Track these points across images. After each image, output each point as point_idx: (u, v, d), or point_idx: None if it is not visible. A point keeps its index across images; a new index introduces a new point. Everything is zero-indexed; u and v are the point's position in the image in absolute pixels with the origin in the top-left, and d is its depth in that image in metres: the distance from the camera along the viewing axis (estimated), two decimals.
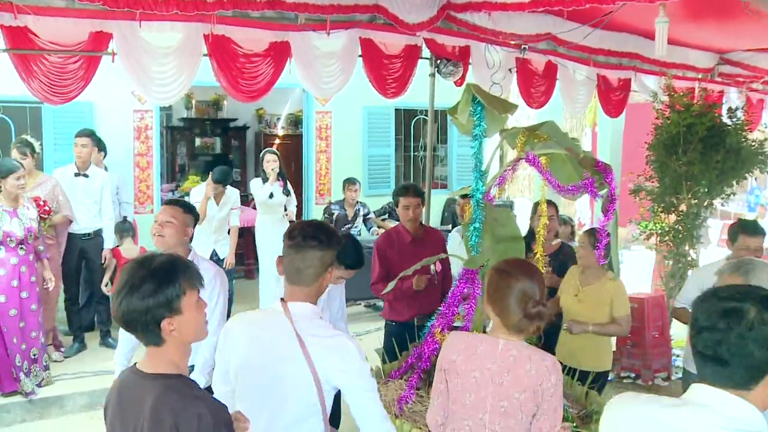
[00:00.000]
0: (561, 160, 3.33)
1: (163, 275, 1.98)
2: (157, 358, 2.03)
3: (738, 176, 6.79)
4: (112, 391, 2.14)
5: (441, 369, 2.62)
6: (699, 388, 1.67)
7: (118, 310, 1.97)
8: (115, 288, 2.00)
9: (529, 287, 2.50)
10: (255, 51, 5.07)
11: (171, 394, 1.95)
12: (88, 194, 6.44)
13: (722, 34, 7.21)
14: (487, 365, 2.49)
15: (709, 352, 1.62)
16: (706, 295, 1.71)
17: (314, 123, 9.42)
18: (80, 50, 4.58)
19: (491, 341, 2.53)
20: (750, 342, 1.57)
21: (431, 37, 5.81)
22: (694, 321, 1.68)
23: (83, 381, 5.88)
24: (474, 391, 2.49)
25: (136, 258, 2.06)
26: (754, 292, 1.67)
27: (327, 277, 2.55)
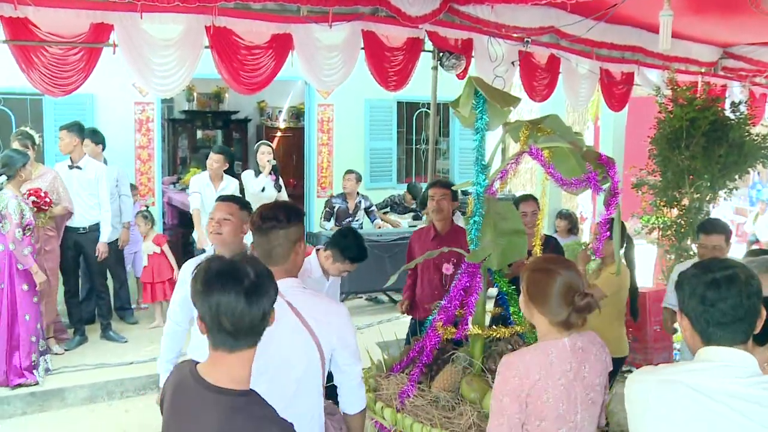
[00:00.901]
0: (564, 153, 3.31)
1: (266, 272, 1.91)
2: (233, 365, 1.89)
3: (740, 170, 6.77)
4: (169, 388, 2.03)
5: (519, 400, 2.43)
6: (710, 350, 1.89)
7: (243, 321, 1.82)
8: (222, 299, 1.81)
9: (574, 280, 2.48)
10: (256, 43, 5.05)
11: (239, 416, 1.83)
12: (82, 186, 6.42)
13: (726, 28, 7.18)
14: (566, 367, 2.44)
15: (728, 318, 1.85)
16: (697, 275, 1.93)
17: (316, 116, 9.40)
18: (81, 42, 4.56)
19: (557, 344, 2.46)
20: (753, 297, 1.86)
21: (434, 30, 5.79)
22: (702, 298, 1.88)
23: (84, 374, 5.89)
24: (565, 397, 2.43)
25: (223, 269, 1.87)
26: (726, 260, 2.00)
27: (298, 251, 2.69)
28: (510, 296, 3.54)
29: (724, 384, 1.83)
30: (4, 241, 5.45)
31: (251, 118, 13.39)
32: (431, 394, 3.41)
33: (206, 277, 1.85)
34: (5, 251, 5.47)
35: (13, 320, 5.50)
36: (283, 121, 13.08)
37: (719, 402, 1.81)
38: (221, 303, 1.80)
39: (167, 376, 2.13)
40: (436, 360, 3.59)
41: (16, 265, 5.49)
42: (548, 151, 3.29)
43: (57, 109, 7.50)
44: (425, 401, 3.35)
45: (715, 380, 1.84)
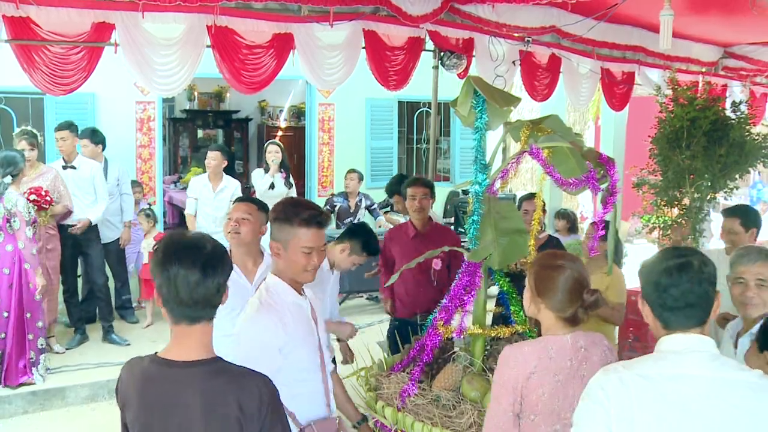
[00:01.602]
0: (564, 153, 3.32)
1: (223, 250, 2.00)
2: (198, 338, 1.96)
3: (741, 170, 6.77)
4: (129, 386, 2.00)
5: (514, 391, 2.45)
6: (670, 339, 1.99)
7: (197, 291, 1.89)
8: (180, 270, 1.89)
9: (582, 275, 2.49)
10: (258, 42, 5.05)
11: (219, 378, 1.91)
12: (78, 186, 6.43)
13: (726, 28, 7.19)
14: (566, 364, 2.44)
15: (680, 303, 1.96)
16: (654, 262, 2.05)
17: (317, 115, 9.41)
18: (83, 41, 4.57)
19: (558, 341, 2.47)
20: (705, 284, 1.96)
21: (435, 29, 5.79)
22: (655, 285, 2.00)
23: (85, 373, 5.89)
24: (561, 394, 2.43)
25: (183, 242, 1.97)
26: (684, 248, 2.10)
27: None
28: (510, 295, 3.55)
29: (685, 369, 1.93)
30: (14, 240, 5.47)
31: (252, 118, 13.40)
32: (432, 393, 3.42)
33: (165, 249, 1.94)
34: (15, 250, 5.48)
35: (19, 319, 5.53)
36: (284, 120, 13.09)
37: (693, 389, 1.89)
38: (179, 274, 1.88)
39: (118, 377, 2.07)
40: (437, 359, 3.60)
41: (24, 264, 5.52)
42: (548, 150, 3.30)
43: (58, 108, 7.51)
44: (426, 400, 3.36)
45: (677, 366, 1.94)
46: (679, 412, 1.89)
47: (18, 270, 5.49)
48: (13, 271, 5.47)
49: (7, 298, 5.46)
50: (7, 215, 5.40)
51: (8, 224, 5.42)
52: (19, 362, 5.53)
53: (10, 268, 5.45)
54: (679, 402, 1.90)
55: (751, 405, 1.87)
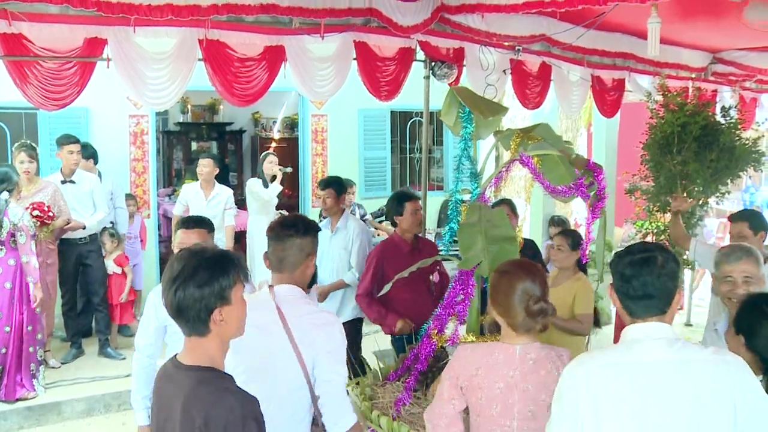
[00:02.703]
0: (554, 161, 3.35)
1: (218, 264, 2.04)
2: (196, 349, 2.07)
3: (732, 174, 6.81)
4: (156, 383, 2.20)
5: (456, 386, 2.56)
6: (631, 328, 2.17)
7: (173, 299, 2.00)
8: (166, 277, 2.03)
9: (530, 285, 2.54)
10: (249, 55, 5.07)
11: (202, 387, 2.00)
12: (78, 200, 6.45)
13: (715, 34, 7.25)
14: (509, 373, 2.49)
15: (640, 293, 2.14)
16: (622, 255, 2.22)
17: (310, 126, 9.43)
18: (75, 56, 4.58)
19: (507, 349, 2.53)
20: (664, 277, 2.13)
21: (425, 40, 5.83)
22: (621, 275, 2.18)
23: (81, 387, 5.89)
24: (500, 401, 2.47)
25: (187, 248, 2.11)
26: (653, 244, 2.27)
27: (309, 265, 2.74)
28: None
29: (646, 356, 2.09)
30: (16, 254, 5.49)
31: (246, 130, 13.42)
32: (427, 401, 3.43)
33: (168, 267, 2.07)
34: (17, 264, 5.50)
35: (19, 335, 5.53)
36: (277, 131, 13.11)
37: (656, 372, 2.05)
38: (177, 293, 2.00)
39: None
40: (431, 368, 3.61)
41: (26, 278, 5.53)
42: (538, 159, 3.33)
43: (52, 123, 7.51)
44: (421, 409, 3.38)
45: (639, 354, 2.09)
46: (643, 396, 2.03)
47: (20, 284, 5.50)
48: (15, 285, 5.48)
49: (9, 313, 5.47)
50: (12, 230, 5.42)
51: (12, 239, 5.44)
52: (17, 377, 5.52)
53: (12, 282, 5.47)
54: (641, 387, 2.04)
55: (710, 381, 2.03)
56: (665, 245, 2.33)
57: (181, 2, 4.54)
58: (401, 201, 4.79)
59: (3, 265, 5.48)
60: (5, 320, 5.47)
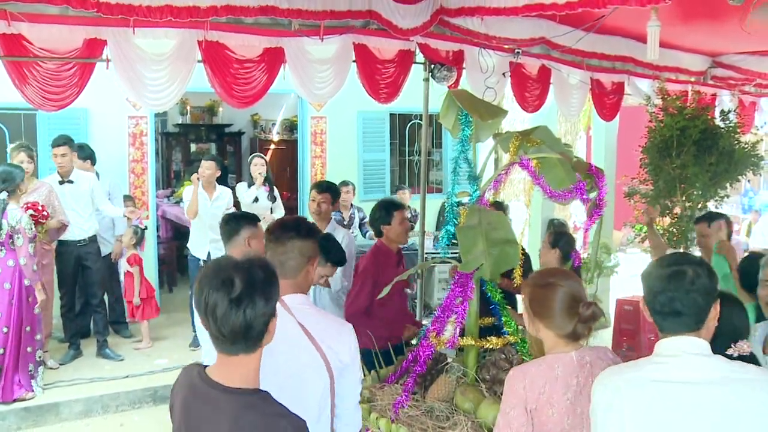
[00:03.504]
0: (553, 164, 3.35)
1: (271, 276, 1.95)
2: (240, 367, 1.93)
3: (731, 178, 6.82)
4: (178, 393, 2.05)
5: (525, 412, 2.42)
6: (664, 342, 2.09)
7: (242, 318, 1.83)
8: (224, 298, 1.84)
9: (576, 291, 2.48)
10: (249, 57, 5.07)
11: (250, 413, 1.87)
12: (77, 200, 6.45)
13: (714, 38, 7.25)
14: (573, 382, 2.42)
15: (667, 309, 2.06)
16: (653, 267, 2.15)
17: (309, 128, 9.44)
18: (74, 57, 4.58)
19: (563, 358, 2.45)
20: (694, 294, 2.03)
21: (425, 42, 5.82)
22: (649, 289, 2.11)
23: (79, 387, 5.89)
24: (571, 412, 2.40)
25: (229, 262, 1.93)
26: (687, 257, 2.17)
27: (310, 269, 2.65)
28: (501, 306, 3.57)
29: (683, 373, 2.00)
30: (14, 255, 5.49)
31: (245, 131, 13.42)
32: (425, 404, 3.43)
33: (200, 277, 1.91)
34: (16, 266, 5.50)
35: (17, 335, 5.53)
36: (276, 133, 13.11)
37: (685, 391, 1.96)
38: (209, 304, 1.85)
39: (176, 379, 2.12)
40: (430, 370, 3.61)
41: (24, 280, 5.53)
42: (537, 161, 3.33)
43: (51, 123, 7.51)
44: (420, 411, 3.37)
45: (676, 371, 2.01)
46: (670, 416, 1.96)
47: (18, 285, 5.50)
48: (14, 286, 5.48)
49: (8, 313, 5.47)
50: (10, 231, 5.42)
51: (10, 240, 5.44)
52: (15, 377, 5.52)
53: (11, 283, 5.47)
54: (669, 405, 1.96)
55: (744, 403, 1.93)
56: (700, 259, 2.19)
57: (180, 3, 4.54)
58: (390, 210, 4.66)
59: (2, 265, 5.48)
60: (4, 321, 5.47)
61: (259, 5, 4.82)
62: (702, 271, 2.07)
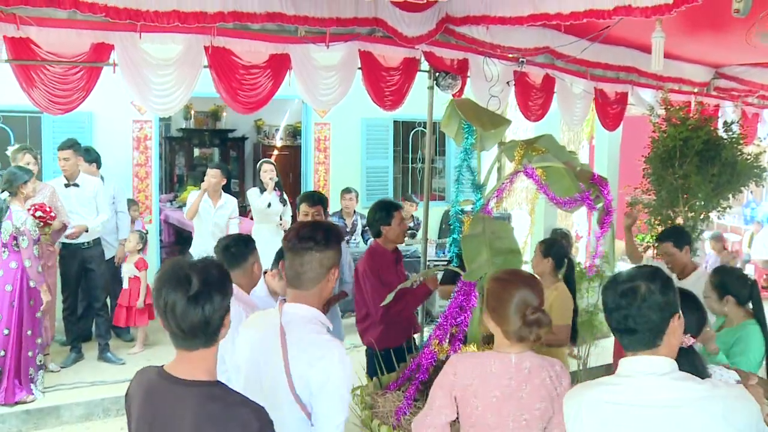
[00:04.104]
0: (558, 173, 3.37)
1: (225, 274, 2.05)
2: (199, 362, 2.01)
3: (734, 189, 6.82)
4: (136, 392, 2.11)
5: (450, 396, 2.53)
6: (625, 362, 2.05)
7: (200, 314, 1.93)
8: (182, 296, 1.93)
9: (528, 294, 2.55)
10: (255, 63, 5.09)
11: (213, 403, 1.96)
12: (81, 203, 6.47)
13: (718, 49, 7.27)
14: (504, 382, 2.48)
15: (621, 326, 2.02)
16: (609, 283, 2.10)
17: (313, 134, 9.46)
18: (82, 61, 4.60)
19: (503, 358, 2.53)
20: (646, 310, 1.98)
21: (430, 50, 5.85)
22: (604, 305, 2.08)
23: (80, 391, 5.89)
24: (496, 411, 2.47)
25: (185, 263, 2.02)
26: (644, 270, 2.09)
27: (330, 280, 2.47)
28: None
29: (640, 395, 1.97)
30: (19, 258, 5.50)
31: (248, 137, 13.45)
32: None
33: (158, 277, 2.00)
34: (19, 267, 5.51)
35: (18, 337, 5.54)
36: (279, 139, 13.14)
37: (641, 413, 1.95)
38: (167, 303, 1.94)
39: (129, 385, 2.19)
40: (432, 378, 3.61)
41: (28, 282, 5.54)
42: (542, 170, 3.34)
43: (56, 126, 7.54)
44: None
45: (633, 393, 1.99)
46: None
47: (20, 287, 5.51)
48: (15, 288, 5.49)
49: (9, 315, 5.48)
50: (15, 233, 5.44)
51: (15, 242, 5.46)
52: (16, 379, 5.52)
53: (13, 285, 5.48)
54: (622, 427, 1.97)
55: (693, 424, 1.91)
56: (660, 270, 2.13)
57: (187, 9, 4.56)
58: (390, 210, 4.70)
59: (4, 267, 5.49)
60: (5, 323, 5.47)
61: (266, 12, 4.85)
62: (655, 286, 2.00)
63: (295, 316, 2.43)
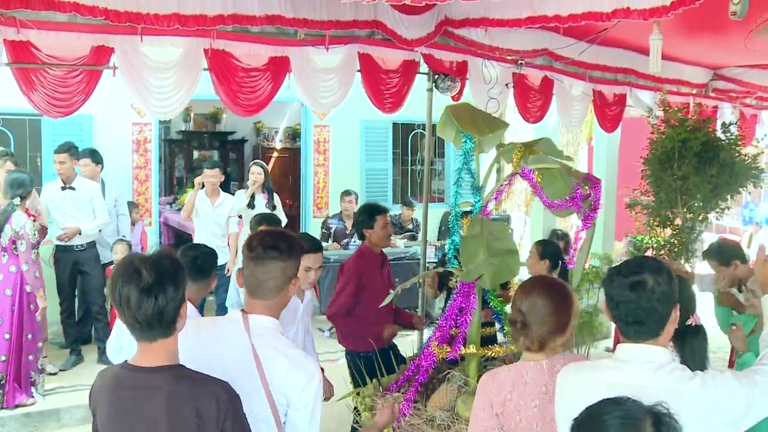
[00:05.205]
0: (553, 175, 3.38)
1: (178, 266, 2.09)
2: (160, 351, 2.07)
3: (732, 190, 6.83)
4: (101, 389, 2.17)
5: (492, 415, 2.46)
6: (624, 347, 2.14)
7: (154, 305, 1.98)
8: (135, 288, 1.98)
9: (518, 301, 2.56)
10: (254, 65, 5.10)
11: (183, 382, 2.04)
12: (77, 206, 6.47)
13: (716, 51, 7.28)
14: (542, 389, 2.45)
15: (630, 319, 2.09)
16: (612, 275, 2.15)
17: (312, 136, 9.48)
18: (82, 64, 4.61)
19: (534, 366, 2.48)
20: (655, 302, 2.06)
21: (429, 53, 5.86)
22: (609, 297, 2.13)
23: (80, 393, 5.89)
24: (539, 419, 2.43)
25: (137, 257, 2.06)
26: (647, 263, 2.17)
27: (290, 290, 2.45)
28: (503, 315, 3.59)
29: (634, 379, 2.04)
30: (17, 262, 5.51)
31: (248, 139, 13.47)
32: (427, 413, 3.45)
33: (113, 274, 2.06)
34: (17, 272, 5.52)
35: (19, 342, 5.55)
36: (279, 141, 13.15)
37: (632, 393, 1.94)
38: (122, 295, 2.00)
39: (91, 387, 2.24)
40: (432, 379, 3.63)
41: (25, 286, 5.56)
42: (539, 173, 3.36)
43: (56, 129, 7.56)
44: (421, 420, 3.39)
45: (628, 376, 2.06)
46: None
47: (20, 292, 5.53)
48: (15, 292, 5.50)
49: (10, 320, 5.49)
50: (14, 237, 5.45)
51: (14, 246, 5.47)
52: (16, 383, 5.53)
53: (12, 289, 5.49)
54: None
55: (693, 412, 1.95)
56: (661, 262, 2.20)
57: (187, 12, 4.57)
58: (372, 214, 4.77)
59: (4, 271, 5.51)
60: (6, 327, 5.48)
61: (266, 14, 4.86)
62: (662, 278, 2.08)
63: (262, 329, 2.38)
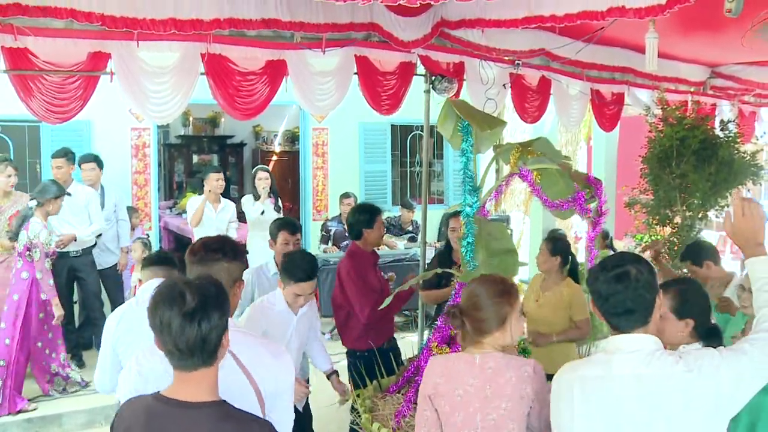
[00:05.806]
0: (552, 176, 3.38)
1: (222, 291, 2.01)
2: (199, 382, 1.95)
3: (731, 188, 6.82)
4: (131, 423, 1.98)
5: (425, 396, 2.66)
6: (616, 338, 2.22)
7: (197, 332, 1.88)
8: (177, 313, 1.89)
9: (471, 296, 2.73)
10: (251, 69, 5.11)
11: (227, 422, 1.91)
12: (73, 212, 6.48)
13: (713, 48, 7.28)
14: (469, 381, 2.56)
15: (620, 309, 2.18)
16: (597, 273, 2.25)
17: (311, 139, 9.49)
18: (79, 70, 4.62)
19: (467, 358, 2.62)
20: (641, 290, 2.16)
21: (426, 54, 5.86)
22: (597, 294, 2.23)
23: (81, 398, 5.90)
24: (462, 409, 2.54)
25: (180, 280, 1.99)
26: (627, 256, 2.31)
27: (236, 293, 2.48)
28: None
29: (628, 368, 2.13)
30: (32, 269, 5.52)
31: (246, 143, 13.48)
32: None
33: (154, 296, 1.95)
34: (29, 279, 5.53)
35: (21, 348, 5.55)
36: (278, 145, 13.17)
37: (627, 387, 2.11)
38: (163, 321, 1.89)
39: (117, 414, 2.09)
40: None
41: (39, 294, 5.56)
42: (537, 173, 3.36)
43: (54, 135, 7.57)
44: None
45: (621, 366, 2.14)
46: (615, 411, 2.11)
47: (29, 299, 5.54)
48: (23, 298, 5.51)
49: (12, 325, 5.49)
50: (28, 244, 5.47)
51: (28, 253, 5.49)
52: (18, 389, 5.54)
53: (20, 295, 5.50)
54: (614, 402, 2.12)
55: (681, 396, 2.05)
56: (639, 255, 2.39)
57: (183, 17, 4.57)
58: (374, 214, 4.78)
59: (16, 277, 5.53)
60: (8, 332, 5.48)
61: (262, 18, 4.86)
62: (643, 267, 2.22)
63: None
